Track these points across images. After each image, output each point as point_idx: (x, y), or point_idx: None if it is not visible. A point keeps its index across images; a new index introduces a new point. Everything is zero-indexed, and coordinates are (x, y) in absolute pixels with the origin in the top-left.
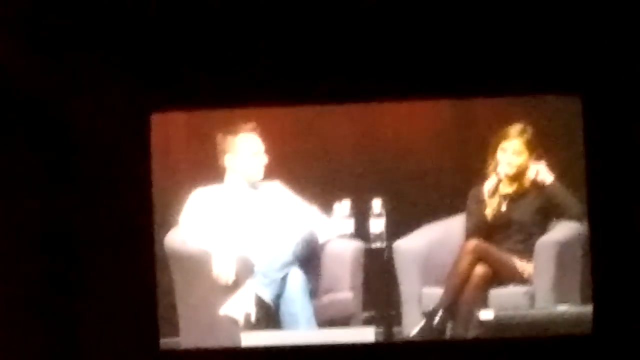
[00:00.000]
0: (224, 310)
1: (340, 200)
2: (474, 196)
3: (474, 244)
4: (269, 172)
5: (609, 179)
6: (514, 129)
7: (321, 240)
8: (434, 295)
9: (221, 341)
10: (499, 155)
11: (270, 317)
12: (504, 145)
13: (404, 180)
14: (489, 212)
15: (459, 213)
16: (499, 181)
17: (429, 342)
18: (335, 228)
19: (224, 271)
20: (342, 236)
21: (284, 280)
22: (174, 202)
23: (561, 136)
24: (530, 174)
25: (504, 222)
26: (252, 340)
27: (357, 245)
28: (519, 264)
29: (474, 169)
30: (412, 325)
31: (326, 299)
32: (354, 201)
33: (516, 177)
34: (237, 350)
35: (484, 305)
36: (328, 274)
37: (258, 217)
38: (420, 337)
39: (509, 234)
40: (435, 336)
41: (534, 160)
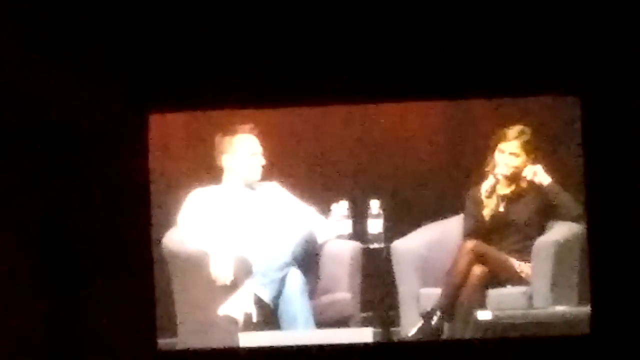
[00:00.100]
0: (222, 310)
1: (338, 201)
2: (472, 197)
3: (472, 244)
4: (267, 173)
5: (607, 180)
6: (513, 130)
7: (319, 240)
8: (432, 295)
9: (219, 341)
10: (496, 156)
11: (268, 318)
12: (502, 146)
13: (402, 181)
14: (486, 213)
15: (457, 214)
16: (496, 182)
17: (426, 343)
18: (333, 229)
19: (221, 271)
20: (340, 237)
21: (283, 281)
22: (171, 203)
23: (560, 137)
24: (528, 174)
25: (502, 223)
26: (251, 340)
27: (355, 245)
28: (517, 264)
29: (472, 170)
30: (410, 326)
31: (324, 299)
32: (351, 202)
33: (514, 178)
34: (235, 350)
35: (482, 305)
36: (326, 274)
37: (256, 217)
38: (418, 338)
39: (507, 234)
40: (433, 336)
41: (532, 162)
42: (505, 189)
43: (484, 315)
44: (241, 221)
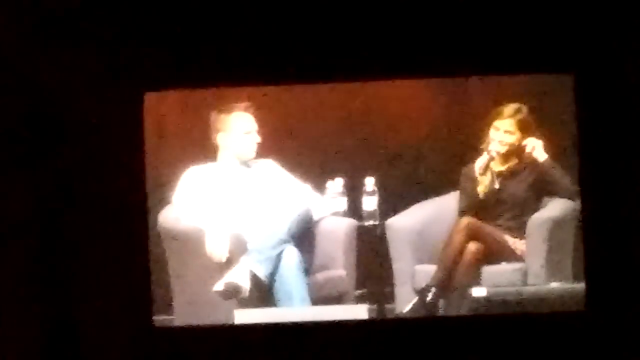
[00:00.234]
0: (227, 278)
1: (333, 178)
2: (466, 174)
3: (466, 221)
4: (262, 150)
5: (601, 157)
6: (508, 108)
7: (315, 218)
8: (427, 272)
9: (215, 318)
10: (491, 133)
11: (264, 295)
12: (497, 123)
13: (396, 158)
14: (481, 190)
15: (451, 191)
16: (490, 159)
17: (421, 319)
18: (328, 206)
19: (217, 249)
20: (335, 214)
21: (278, 258)
22: (167, 181)
23: (554, 114)
24: (528, 147)
25: (496, 200)
26: (246, 317)
27: (350, 223)
28: (511, 241)
29: (467, 147)
30: (405, 303)
31: (320, 276)
32: (346, 179)
33: (508, 155)
34: (231, 327)
35: (477, 282)
36: (321, 251)
37: (251, 195)
38: (413, 314)
39: (501, 211)
40: (428, 313)
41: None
42: (500, 166)
43: (478, 292)
44: (236, 199)
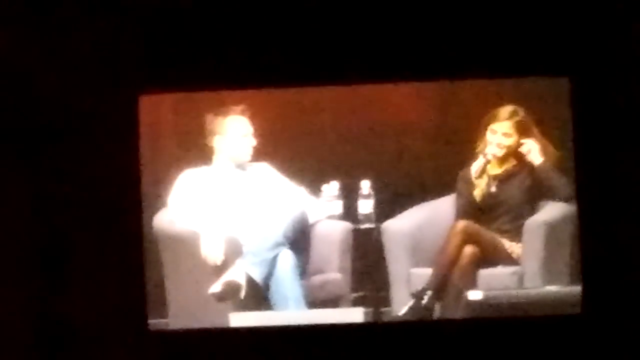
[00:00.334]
0: (228, 276)
1: (328, 182)
2: (463, 177)
3: (463, 224)
4: (258, 154)
5: (597, 160)
6: (505, 110)
7: (310, 221)
8: (423, 275)
9: (210, 322)
10: (488, 136)
11: (259, 298)
12: (494, 126)
13: (392, 161)
14: (477, 193)
15: (447, 194)
16: (486, 162)
17: (417, 323)
18: (323, 209)
19: (212, 252)
20: (331, 217)
21: (274, 261)
22: (162, 183)
23: (550, 118)
24: (525, 148)
25: (492, 203)
26: (241, 320)
27: (346, 226)
28: (507, 244)
29: (464, 150)
30: (401, 306)
31: (316, 279)
32: (342, 182)
33: (505, 158)
34: (226, 330)
35: (473, 285)
36: (317, 254)
37: (246, 198)
38: (408, 318)
39: (497, 214)
40: (423, 316)
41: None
42: (496, 169)
43: (474, 295)
44: (232, 202)
